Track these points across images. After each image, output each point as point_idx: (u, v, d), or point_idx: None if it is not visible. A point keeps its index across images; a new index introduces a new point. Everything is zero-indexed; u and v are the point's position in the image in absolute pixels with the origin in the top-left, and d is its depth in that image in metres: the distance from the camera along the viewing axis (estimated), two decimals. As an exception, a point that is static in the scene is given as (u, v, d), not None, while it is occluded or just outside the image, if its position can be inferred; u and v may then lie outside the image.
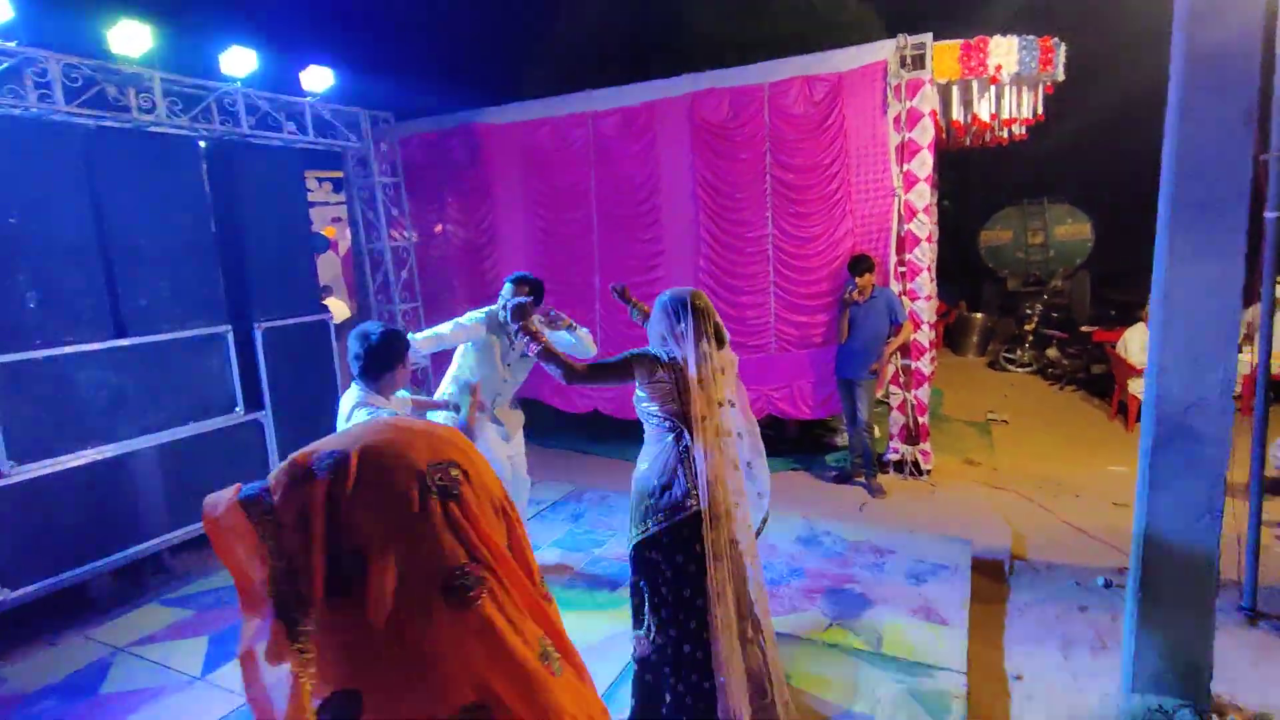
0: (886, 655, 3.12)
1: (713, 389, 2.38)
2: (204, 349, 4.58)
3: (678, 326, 2.41)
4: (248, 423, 4.80)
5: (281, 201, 5.06)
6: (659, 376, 2.39)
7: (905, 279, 5.28)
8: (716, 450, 2.36)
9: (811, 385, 5.60)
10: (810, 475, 5.66)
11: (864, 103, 5.13)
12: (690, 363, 2.37)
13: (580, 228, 6.19)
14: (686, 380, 2.36)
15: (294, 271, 5.18)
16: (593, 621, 3.44)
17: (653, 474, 2.42)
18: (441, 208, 6.78)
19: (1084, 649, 3.29)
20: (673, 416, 2.40)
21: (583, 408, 6.36)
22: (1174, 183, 2.56)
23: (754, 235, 5.59)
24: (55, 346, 3.86)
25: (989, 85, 5.16)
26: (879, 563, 3.95)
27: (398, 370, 2.62)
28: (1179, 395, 2.66)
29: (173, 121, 4.15)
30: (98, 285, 4.08)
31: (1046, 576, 3.98)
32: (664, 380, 2.39)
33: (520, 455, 4.04)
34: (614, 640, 3.20)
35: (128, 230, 4.19)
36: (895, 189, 5.14)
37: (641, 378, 2.43)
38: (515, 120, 6.25)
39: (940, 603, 3.50)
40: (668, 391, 2.39)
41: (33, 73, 3.53)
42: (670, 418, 2.41)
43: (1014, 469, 5.65)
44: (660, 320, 2.45)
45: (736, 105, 5.47)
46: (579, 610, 3.61)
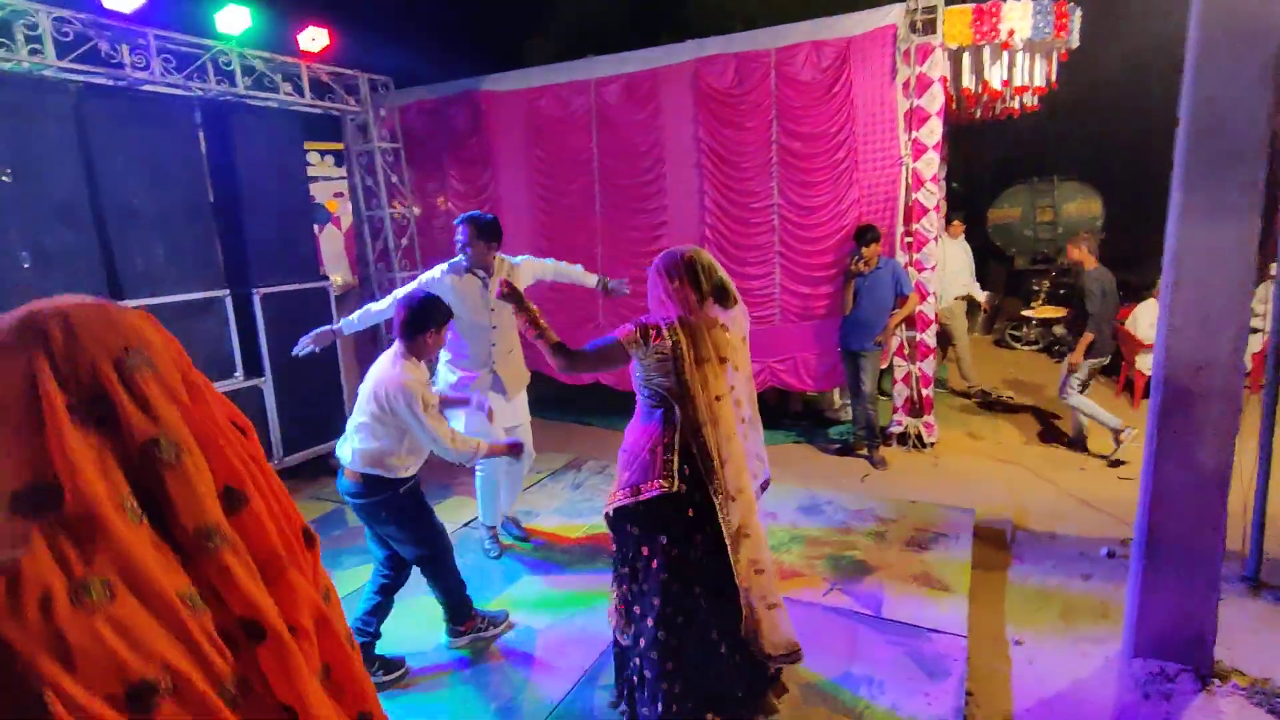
0: (886, 619, 3.09)
1: (707, 348, 2.22)
2: (202, 313, 4.56)
3: (671, 285, 2.27)
4: (247, 388, 4.78)
5: (280, 166, 5.01)
6: (655, 348, 2.23)
7: (912, 249, 5.21)
8: (715, 422, 2.21)
9: (815, 357, 5.55)
10: (812, 448, 5.63)
11: (872, 68, 5.03)
12: (685, 323, 2.22)
13: (582, 197, 6.11)
14: (681, 347, 2.21)
15: (293, 237, 5.14)
16: (596, 587, 3.43)
17: (637, 446, 2.30)
18: (442, 177, 6.69)
19: (1086, 616, 3.26)
20: (663, 390, 2.26)
21: (584, 379, 6.32)
22: (1189, 138, 2.48)
23: (759, 205, 5.51)
24: (51, 307, 3.83)
25: (1001, 51, 5.05)
26: (880, 531, 3.92)
27: (428, 334, 2.75)
28: (1189, 356, 2.61)
29: (167, 80, 4.08)
30: (92, 246, 4.04)
31: (1049, 546, 3.95)
32: (660, 350, 2.22)
33: (525, 425, 3.89)
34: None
35: (122, 191, 4.15)
36: (903, 157, 5.05)
37: (638, 354, 2.28)
38: (517, 88, 6.14)
39: (941, 569, 3.47)
40: (662, 363, 2.24)
41: (23, 25, 3.47)
42: (660, 392, 2.27)
43: (1018, 443, 5.60)
44: (655, 282, 2.31)
45: (742, 71, 5.36)
46: (579, 573, 3.59)
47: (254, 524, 0.95)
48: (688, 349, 2.21)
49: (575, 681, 2.79)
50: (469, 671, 2.92)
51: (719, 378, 2.24)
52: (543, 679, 2.83)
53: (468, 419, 3.66)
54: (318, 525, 4.36)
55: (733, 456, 2.24)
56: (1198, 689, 2.70)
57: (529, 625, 3.22)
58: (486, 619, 3.13)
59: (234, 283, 4.73)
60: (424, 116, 6.49)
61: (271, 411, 4.90)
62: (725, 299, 2.31)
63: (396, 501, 2.77)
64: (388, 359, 2.75)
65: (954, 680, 2.69)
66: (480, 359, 3.67)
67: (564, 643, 3.06)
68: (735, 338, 2.32)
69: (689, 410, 2.21)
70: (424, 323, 2.74)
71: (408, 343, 2.74)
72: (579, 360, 2.36)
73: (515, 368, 3.80)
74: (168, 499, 0.86)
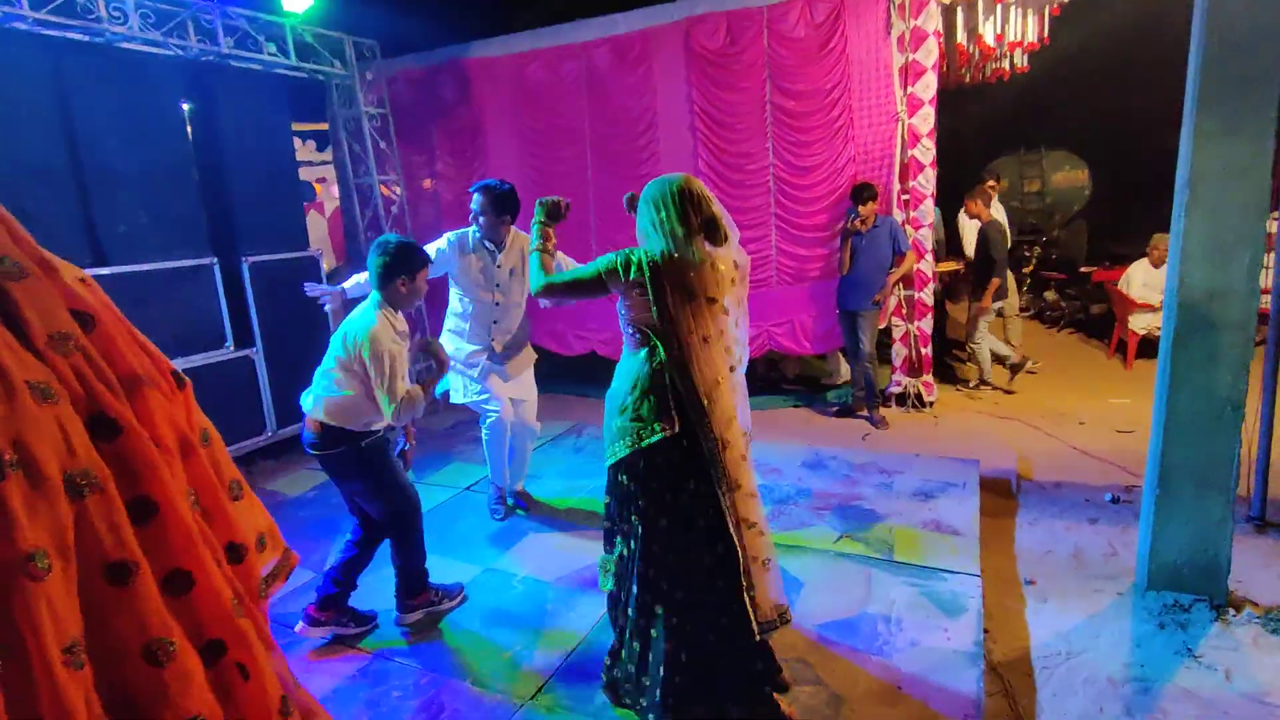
0: (898, 562, 3.07)
1: (692, 284, 2.03)
2: (189, 281, 4.43)
3: (658, 216, 2.07)
4: (237, 359, 4.67)
5: (265, 130, 4.88)
6: (635, 280, 2.06)
7: (909, 207, 5.17)
8: (700, 363, 2.05)
9: (812, 319, 5.52)
10: (811, 411, 5.60)
11: (866, 23, 4.96)
12: (669, 257, 2.03)
13: (574, 165, 6.02)
14: (662, 282, 2.02)
15: (281, 206, 5.03)
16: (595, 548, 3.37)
17: (620, 392, 2.15)
18: (431, 149, 6.57)
19: (1096, 556, 3.25)
20: (646, 328, 2.09)
21: (579, 349, 6.26)
22: (1202, 58, 2.45)
23: (754, 167, 5.45)
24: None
25: (994, 5, 5.01)
26: (886, 482, 3.90)
27: (398, 282, 2.64)
28: (1201, 283, 2.59)
29: (145, 36, 3.95)
30: (71, 209, 3.92)
31: (1054, 495, 3.95)
32: (639, 284, 2.05)
33: (530, 402, 3.76)
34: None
35: (102, 153, 4.02)
36: (899, 114, 5.00)
37: (616, 286, 2.12)
38: (504, 54, 6.02)
39: (950, 515, 3.46)
40: (643, 298, 2.06)
41: (-5, -26, 3.33)
42: (642, 329, 2.10)
43: (1016, 402, 5.60)
44: (643, 212, 2.13)
45: (735, 30, 5.28)
46: (581, 534, 3.54)
47: (108, 344, 1.05)
48: (670, 284, 2.03)
49: (587, 630, 2.74)
50: (480, 622, 2.87)
51: (706, 317, 2.06)
52: (555, 629, 2.78)
53: (468, 384, 3.61)
54: (316, 496, 4.29)
55: (719, 400, 2.06)
56: (1213, 618, 2.70)
57: (539, 578, 3.17)
58: (440, 592, 2.97)
59: (221, 251, 4.61)
60: (411, 87, 6.36)
61: (264, 382, 4.79)
62: (715, 235, 2.10)
63: (357, 455, 2.67)
64: (363, 307, 2.66)
65: (971, 615, 2.67)
66: (480, 334, 3.55)
67: (574, 594, 3.01)
68: (725, 276, 2.10)
69: (672, 349, 2.05)
70: (392, 270, 2.62)
71: (382, 291, 2.65)
72: (555, 286, 2.25)
73: (518, 347, 3.68)
74: (18, 310, 0.94)
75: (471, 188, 3.44)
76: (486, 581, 3.17)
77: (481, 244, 3.45)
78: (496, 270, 3.47)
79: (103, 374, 1.01)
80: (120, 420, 1.00)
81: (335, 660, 2.69)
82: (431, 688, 2.48)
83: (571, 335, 6.20)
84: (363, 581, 2.86)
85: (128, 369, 1.06)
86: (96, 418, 0.98)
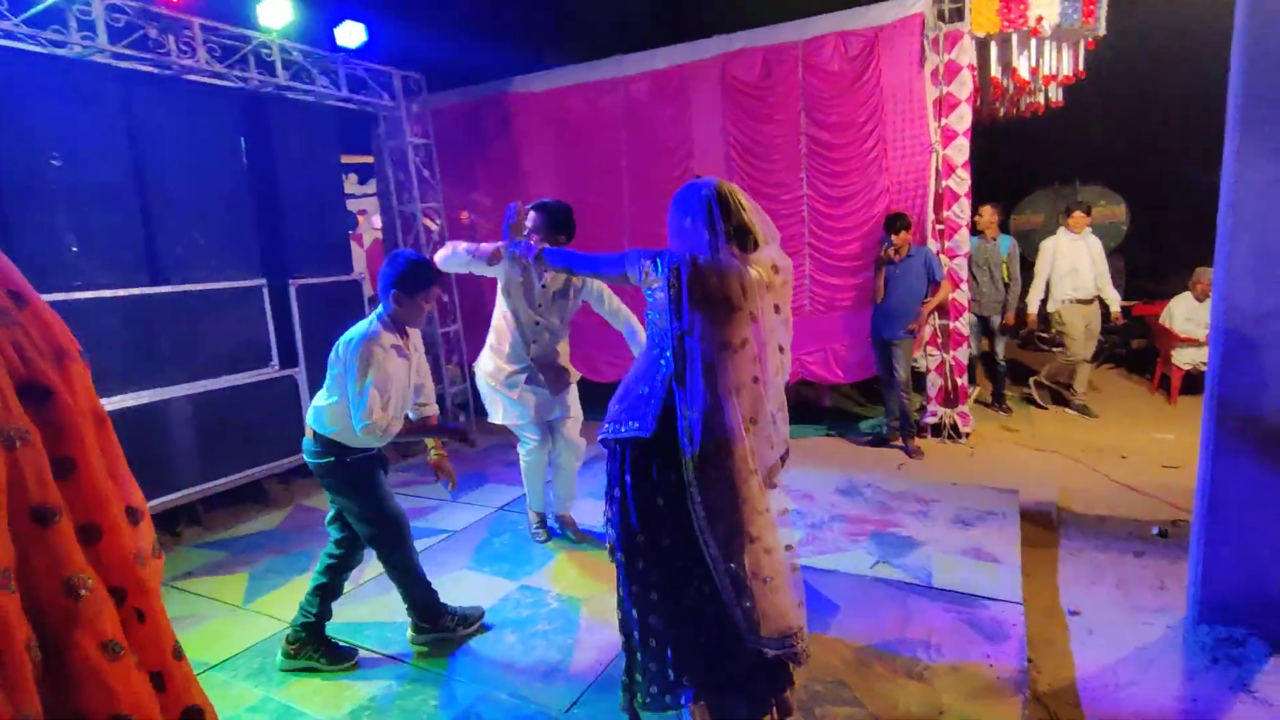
0: (937, 588, 3.02)
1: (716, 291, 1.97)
2: (239, 302, 4.59)
3: (685, 221, 2.02)
4: (281, 378, 4.80)
5: (315, 159, 5.09)
6: (652, 281, 2.05)
7: (943, 237, 5.18)
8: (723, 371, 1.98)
9: (845, 348, 5.51)
10: (844, 440, 5.56)
11: (900, 57, 5.05)
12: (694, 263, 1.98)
13: (611, 195, 6.15)
14: (683, 287, 1.98)
15: (328, 230, 5.21)
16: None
17: (631, 379, 2.16)
18: (472, 179, 6.77)
19: (1143, 588, 3.16)
20: (666, 334, 2.05)
21: (609, 376, 6.30)
22: (1243, 79, 2.45)
23: (788, 197, 5.52)
24: (94, 289, 3.88)
25: (1029, 38, 5.06)
26: (923, 510, 3.84)
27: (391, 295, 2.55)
28: (1249, 306, 2.55)
29: (211, 69, 4.18)
30: (135, 231, 4.10)
31: (1097, 528, 3.85)
32: (659, 289, 2.04)
33: (574, 420, 3.67)
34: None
35: (164, 178, 4.22)
36: (933, 144, 5.04)
37: (639, 282, 2.12)
38: (545, 88, 6.22)
39: (990, 543, 3.39)
40: (662, 303, 2.04)
41: (77, 11, 3.56)
42: (663, 335, 2.07)
43: (1055, 436, 5.50)
44: (673, 215, 2.08)
45: (770, 64, 5.41)
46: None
47: (37, 319, 1.21)
48: (693, 289, 1.98)
49: (619, 650, 2.72)
50: (516, 636, 2.87)
51: (732, 324, 2.00)
52: (590, 643, 2.78)
53: (506, 406, 3.57)
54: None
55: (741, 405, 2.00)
56: (1269, 653, 2.60)
57: (573, 596, 3.17)
58: (457, 618, 2.86)
59: (270, 273, 4.77)
60: (454, 120, 6.59)
61: (306, 402, 4.90)
62: (745, 241, 2.02)
63: (344, 470, 2.60)
64: (368, 318, 2.61)
65: (1015, 642, 2.61)
66: (519, 353, 3.49)
67: (608, 611, 2.99)
68: (758, 283, 2.01)
69: (680, 353, 2.01)
70: (392, 282, 2.54)
71: (382, 300, 2.60)
72: (575, 262, 2.34)
73: (556, 367, 3.61)
74: None
75: (529, 205, 3.37)
76: (520, 598, 3.18)
77: (526, 264, 3.37)
78: (540, 291, 3.43)
79: (36, 345, 1.16)
80: (52, 386, 1.15)
81: (372, 668, 2.71)
82: (468, 698, 2.48)
83: (602, 361, 6.26)
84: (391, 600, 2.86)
85: (55, 343, 1.21)
86: (27, 384, 1.13)
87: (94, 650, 1.14)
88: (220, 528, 4.31)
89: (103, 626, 1.15)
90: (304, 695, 2.56)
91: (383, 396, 2.47)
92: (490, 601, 3.13)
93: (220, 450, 4.40)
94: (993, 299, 6.04)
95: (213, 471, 4.38)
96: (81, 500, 1.18)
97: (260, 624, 3.06)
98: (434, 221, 6.31)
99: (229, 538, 4.14)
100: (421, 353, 2.83)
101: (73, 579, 1.13)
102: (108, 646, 1.15)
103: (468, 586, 3.29)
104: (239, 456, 4.51)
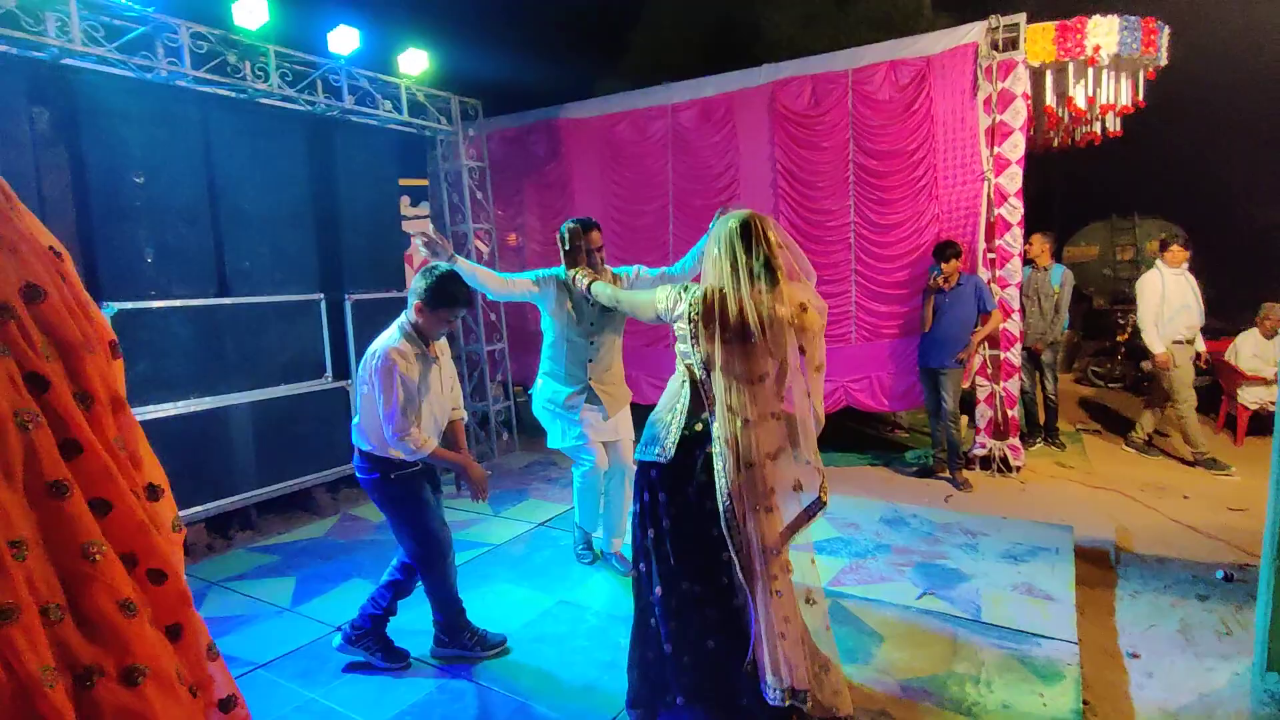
0: (986, 623, 2.92)
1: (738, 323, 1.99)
2: (297, 315, 4.77)
3: (713, 252, 2.06)
4: (334, 390, 4.95)
5: (375, 180, 5.29)
6: (678, 313, 2.10)
7: (995, 266, 5.10)
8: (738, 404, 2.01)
9: (891, 376, 5.43)
10: (889, 470, 5.45)
11: (953, 86, 5.03)
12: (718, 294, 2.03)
13: (657, 219, 6.23)
14: (702, 318, 2.03)
15: (384, 249, 5.39)
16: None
17: (658, 405, 2.26)
18: (521, 202, 6.94)
19: (1207, 633, 3.01)
20: (687, 360, 2.13)
21: (653, 398, 6.28)
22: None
23: (835, 223, 5.51)
24: (167, 299, 4.08)
25: (1086, 68, 5.00)
26: (971, 543, 3.74)
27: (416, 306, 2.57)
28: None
29: (282, 93, 4.39)
30: (207, 245, 4.31)
31: (1157, 569, 3.69)
32: (681, 319, 2.09)
33: (626, 441, 3.57)
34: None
35: (235, 195, 4.44)
36: (985, 173, 4.99)
37: (667, 316, 2.16)
38: (594, 115, 6.37)
39: (1042, 580, 3.28)
40: (682, 332, 2.11)
41: (165, 39, 3.80)
42: (685, 361, 2.15)
43: (1112, 473, 5.30)
44: (706, 247, 2.14)
45: (819, 92, 5.44)
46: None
47: (54, 315, 1.32)
48: (710, 321, 2.02)
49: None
50: (555, 650, 2.88)
51: (749, 357, 2.02)
52: (624, 666, 2.76)
53: (566, 428, 3.47)
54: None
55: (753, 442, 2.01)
56: (1347, 708, 2.45)
57: (612, 613, 3.16)
58: (478, 638, 2.85)
59: (328, 288, 4.96)
60: (506, 145, 6.78)
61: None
62: (770, 275, 2.04)
63: (384, 486, 2.64)
64: (388, 330, 2.63)
65: (1069, 683, 2.51)
66: (577, 375, 3.43)
67: (647, 632, 2.98)
68: (780, 318, 2.02)
69: (707, 385, 2.07)
70: (419, 290, 2.55)
71: (407, 309, 2.62)
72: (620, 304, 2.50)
73: (615, 385, 3.56)
74: None
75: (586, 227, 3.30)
76: (560, 613, 3.19)
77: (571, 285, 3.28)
78: (589, 309, 3.37)
79: (33, 341, 1.28)
80: (49, 378, 1.28)
81: (414, 676, 2.74)
82: (506, 709, 2.49)
83: (645, 383, 6.28)
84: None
85: (66, 336, 1.33)
86: (30, 374, 1.26)
87: (111, 608, 1.28)
88: (272, 532, 4.44)
89: (118, 587, 1.30)
90: (348, 698, 2.60)
91: (411, 407, 2.49)
92: (530, 616, 3.15)
93: (274, 457, 4.55)
94: (1040, 330, 5.84)
95: (268, 477, 4.53)
96: (89, 478, 1.30)
97: (307, 627, 3.13)
98: (484, 243, 6.48)
99: (279, 543, 4.25)
100: (448, 355, 2.84)
101: (88, 545, 1.28)
102: (124, 605, 1.29)
103: (508, 600, 3.32)
104: (291, 464, 4.66)
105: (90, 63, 3.67)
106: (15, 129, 3.51)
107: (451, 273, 2.63)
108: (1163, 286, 5.44)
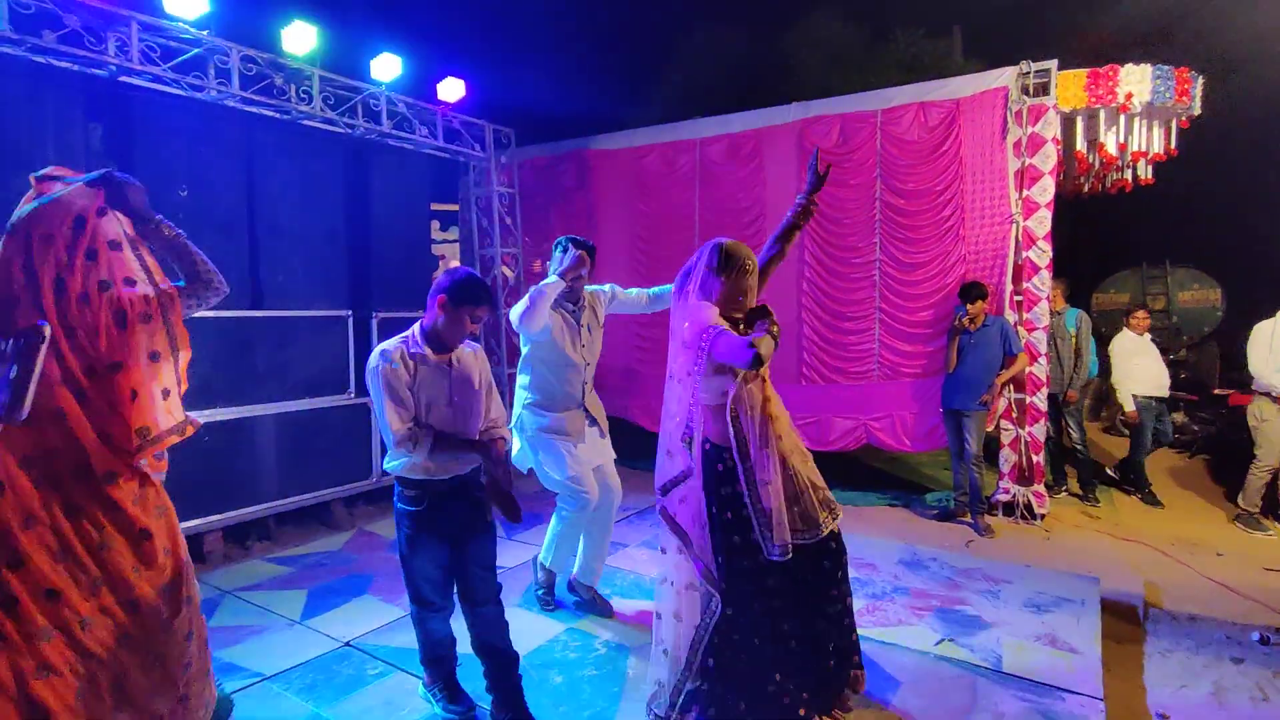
0: (1007, 673, 2.83)
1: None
2: (325, 330, 4.86)
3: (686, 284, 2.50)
4: (356, 406, 5.00)
5: (407, 203, 5.42)
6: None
7: (1022, 308, 5.05)
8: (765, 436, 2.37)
9: (914, 416, 5.36)
10: (909, 512, 5.35)
11: (982, 129, 5.05)
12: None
13: (682, 250, 6.14)
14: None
15: (413, 269, 5.49)
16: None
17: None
18: (548, 230, 7.03)
19: (1242, 696, 2.89)
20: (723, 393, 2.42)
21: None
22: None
23: (860, 261, 5.51)
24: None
25: (1118, 115, 4.99)
26: (993, 590, 3.64)
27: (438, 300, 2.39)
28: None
29: (324, 116, 4.54)
30: (243, 259, 4.43)
31: (1189, 627, 3.56)
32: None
33: (610, 463, 3.48)
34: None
35: (272, 213, 4.57)
36: (1013, 215, 4.97)
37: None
38: (623, 147, 6.48)
39: (1066, 632, 3.17)
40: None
41: (217, 60, 3.95)
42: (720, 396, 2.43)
43: (1141, 526, 5.15)
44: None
45: (848, 131, 5.49)
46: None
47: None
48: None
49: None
50: (564, 679, 2.83)
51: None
52: (633, 696, 2.70)
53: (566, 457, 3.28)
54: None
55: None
56: (1394, 784, 2.32)
57: (621, 643, 3.11)
58: (445, 693, 2.60)
59: (356, 305, 5.05)
60: (535, 173, 6.91)
61: (376, 430, 5.08)
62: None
63: (396, 509, 2.46)
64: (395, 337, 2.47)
65: (1094, 740, 2.41)
66: (573, 398, 3.33)
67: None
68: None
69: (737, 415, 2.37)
70: (441, 288, 2.39)
71: (428, 310, 2.44)
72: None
73: (599, 404, 3.50)
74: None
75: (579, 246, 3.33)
76: (569, 640, 3.15)
77: (561, 304, 3.28)
78: (582, 329, 3.32)
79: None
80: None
81: (421, 700, 2.71)
82: (510, 736, 2.45)
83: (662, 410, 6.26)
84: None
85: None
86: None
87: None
88: (288, 544, 4.46)
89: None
90: (355, 714, 2.58)
91: (403, 410, 2.32)
92: (538, 642, 3.12)
93: (295, 470, 4.60)
94: (1057, 376, 5.66)
95: (288, 489, 4.57)
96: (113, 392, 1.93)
97: (316, 641, 3.12)
98: (509, 268, 6.56)
99: (294, 554, 4.27)
100: (484, 369, 2.60)
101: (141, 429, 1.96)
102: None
103: (516, 625, 3.24)
104: (311, 477, 4.70)
105: (145, 80, 3.83)
106: (72, 141, 3.68)
107: (474, 274, 2.48)
108: (1272, 333, 5.06)
